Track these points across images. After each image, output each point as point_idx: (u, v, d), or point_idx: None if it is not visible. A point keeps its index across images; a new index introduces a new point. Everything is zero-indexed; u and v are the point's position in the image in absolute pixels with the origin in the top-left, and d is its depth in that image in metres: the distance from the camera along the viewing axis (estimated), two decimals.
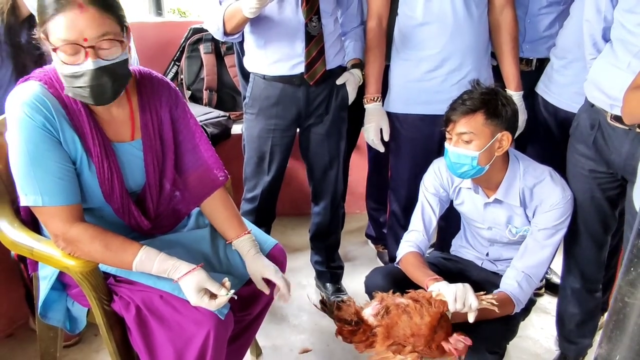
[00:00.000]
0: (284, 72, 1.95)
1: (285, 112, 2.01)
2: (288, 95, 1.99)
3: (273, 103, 2.00)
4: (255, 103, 2.03)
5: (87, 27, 1.18)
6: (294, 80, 1.96)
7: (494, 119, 1.58)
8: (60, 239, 1.30)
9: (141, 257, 1.30)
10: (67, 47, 1.19)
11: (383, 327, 1.40)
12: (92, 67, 1.21)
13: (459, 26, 1.88)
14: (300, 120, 2.06)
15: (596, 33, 1.61)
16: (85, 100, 1.27)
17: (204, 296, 1.29)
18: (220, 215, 1.57)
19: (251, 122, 2.07)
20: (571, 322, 1.90)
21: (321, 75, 1.96)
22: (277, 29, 1.89)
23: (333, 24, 1.98)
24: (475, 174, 1.62)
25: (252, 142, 2.09)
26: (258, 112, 2.04)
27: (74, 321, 1.53)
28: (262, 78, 2.00)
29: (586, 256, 1.78)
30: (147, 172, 1.43)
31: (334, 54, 2.00)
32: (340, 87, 2.06)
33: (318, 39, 1.91)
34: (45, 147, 1.25)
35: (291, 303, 2.33)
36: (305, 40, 1.90)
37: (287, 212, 2.97)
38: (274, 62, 1.95)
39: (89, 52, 1.20)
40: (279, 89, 1.98)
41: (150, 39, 3.03)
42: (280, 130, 2.04)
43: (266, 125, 2.04)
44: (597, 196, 1.68)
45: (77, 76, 1.22)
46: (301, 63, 1.93)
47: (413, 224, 1.83)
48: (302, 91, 1.98)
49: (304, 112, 2.03)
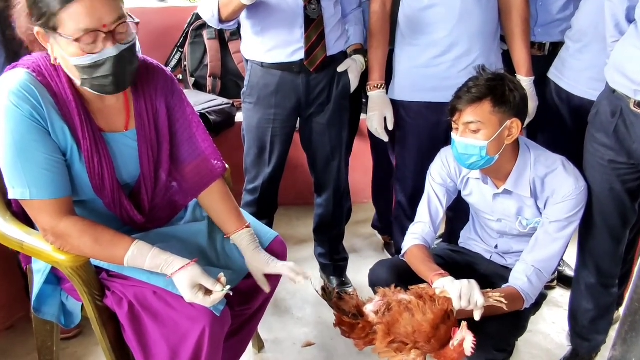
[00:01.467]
0: (282, 59, 1.88)
1: (284, 101, 1.95)
2: (287, 84, 1.92)
3: (272, 91, 1.93)
4: (254, 92, 1.97)
5: (105, 13, 1.14)
6: (293, 67, 1.89)
7: (502, 106, 1.51)
8: (49, 233, 1.26)
9: (133, 252, 1.26)
10: (88, 36, 1.14)
11: (384, 324, 1.35)
12: (115, 53, 1.17)
13: (467, 9, 1.80)
14: (301, 110, 2.00)
15: (619, 13, 1.52)
16: (104, 90, 1.22)
17: (198, 292, 1.24)
18: (218, 208, 1.52)
19: (250, 111, 2.01)
20: (585, 318, 1.82)
21: (322, 62, 1.89)
22: (275, 13, 1.82)
23: (333, 7, 1.90)
24: (485, 165, 1.55)
25: (251, 132, 2.03)
26: (257, 101, 1.97)
27: (69, 315, 1.50)
28: (260, 65, 1.93)
29: (603, 250, 1.71)
30: (142, 163, 1.38)
31: (335, 39, 1.93)
32: (341, 75, 1.99)
33: (318, 22, 1.84)
34: (33, 138, 1.20)
35: (294, 295, 2.29)
36: (305, 25, 1.82)
37: (292, 201, 2.92)
38: (272, 48, 1.88)
39: (109, 37, 1.16)
40: (277, 77, 1.91)
41: (152, 24, 2.97)
42: (280, 120, 1.98)
43: (265, 115, 1.97)
44: (616, 188, 1.60)
45: (98, 65, 1.17)
46: (300, 49, 1.86)
47: (419, 215, 1.77)
48: (302, 79, 1.91)
49: (304, 101, 1.96)
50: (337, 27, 1.94)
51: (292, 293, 2.30)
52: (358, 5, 2.06)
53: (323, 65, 1.90)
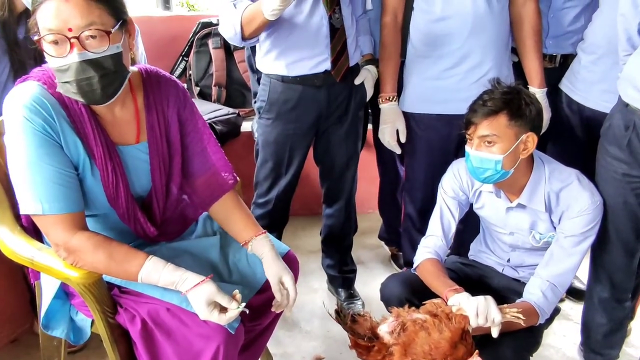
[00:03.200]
0: (305, 72, 1.84)
1: (304, 115, 1.91)
2: (308, 98, 1.88)
3: (292, 107, 1.89)
4: (273, 107, 1.92)
5: (72, 16, 1.11)
6: (316, 80, 1.86)
7: (518, 120, 1.49)
8: (62, 249, 1.23)
9: (147, 268, 1.23)
10: (52, 37, 1.12)
11: (400, 345, 1.32)
12: (77, 59, 1.13)
13: (480, 21, 1.79)
14: (320, 123, 1.97)
15: (631, 28, 1.52)
16: (75, 97, 1.19)
17: (213, 310, 1.21)
18: (233, 217, 1.48)
19: (268, 127, 1.96)
20: (598, 333, 1.81)
21: (345, 71, 1.86)
22: (298, 25, 1.78)
23: (351, 17, 1.88)
24: (500, 179, 1.54)
25: (268, 147, 1.98)
26: (276, 117, 1.92)
27: (78, 331, 1.47)
28: (280, 80, 1.88)
29: (616, 265, 1.69)
30: (154, 176, 1.36)
31: (354, 49, 1.91)
32: (358, 86, 1.97)
33: (341, 32, 1.82)
34: (45, 152, 1.18)
35: (302, 308, 2.27)
36: (330, 34, 1.79)
37: (298, 212, 2.89)
38: (294, 61, 1.84)
39: (74, 43, 1.12)
40: (298, 92, 1.87)
41: (157, 33, 2.97)
42: (299, 135, 1.95)
43: (284, 130, 1.93)
44: (630, 201, 1.59)
45: (63, 70, 1.15)
46: (326, 60, 1.83)
47: (431, 228, 1.75)
48: (323, 92, 1.89)
49: (325, 115, 1.94)
50: (355, 37, 1.92)
51: (300, 306, 2.27)
52: (363, 11, 2.04)
53: (344, 76, 1.88)
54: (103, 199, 1.29)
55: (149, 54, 2.59)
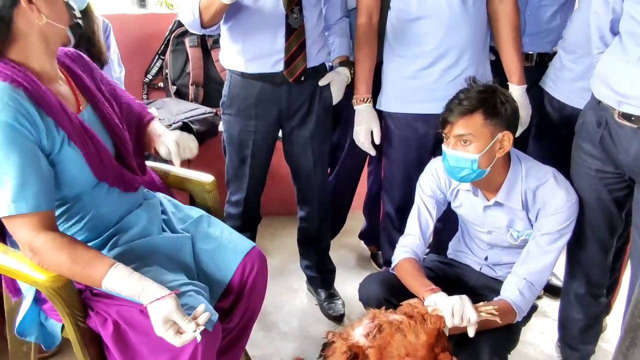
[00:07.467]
0: (264, 70, 1.84)
1: (265, 112, 1.90)
2: (268, 95, 1.87)
3: (252, 103, 1.89)
4: (234, 103, 1.92)
5: None
6: (275, 78, 1.85)
7: (494, 119, 1.49)
8: (27, 248, 1.20)
9: (110, 277, 1.19)
10: None
11: (375, 348, 1.29)
12: None
13: (456, 20, 1.79)
14: (282, 122, 1.96)
15: (604, 25, 1.53)
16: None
17: (169, 329, 1.15)
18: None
19: (230, 123, 1.96)
20: (574, 328, 1.83)
21: (301, 73, 1.85)
22: (256, 21, 1.78)
23: (317, 18, 1.87)
24: (476, 178, 1.54)
25: (232, 144, 1.98)
26: (237, 112, 1.92)
27: (49, 336, 1.44)
28: (240, 76, 1.88)
29: (591, 260, 1.71)
30: (111, 133, 1.40)
31: (317, 50, 1.90)
32: (323, 87, 1.95)
33: (299, 32, 1.80)
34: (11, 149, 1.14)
35: (281, 309, 2.25)
36: (286, 34, 1.79)
37: (277, 211, 2.88)
38: (253, 58, 1.83)
39: None
40: (258, 88, 1.87)
41: (132, 32, 2.90)
42: (261, 132, 1.93)
43: (246, 127, 1.92)
44: (603, 197, 1.60)
45: None
46: (282, 60, 1.82)
47: (409, 227, 1.75)
48: (284, 90, 1.87)
49: (286, 113, 1.93)
50: (320, 39, 1.91)
51: (279, 307, 2.26)
52: (343, 15, 2.04)
53: (304, 77, 1.87)
54: (86, 176, 1.29)
55: (123, 52, 2.55)
